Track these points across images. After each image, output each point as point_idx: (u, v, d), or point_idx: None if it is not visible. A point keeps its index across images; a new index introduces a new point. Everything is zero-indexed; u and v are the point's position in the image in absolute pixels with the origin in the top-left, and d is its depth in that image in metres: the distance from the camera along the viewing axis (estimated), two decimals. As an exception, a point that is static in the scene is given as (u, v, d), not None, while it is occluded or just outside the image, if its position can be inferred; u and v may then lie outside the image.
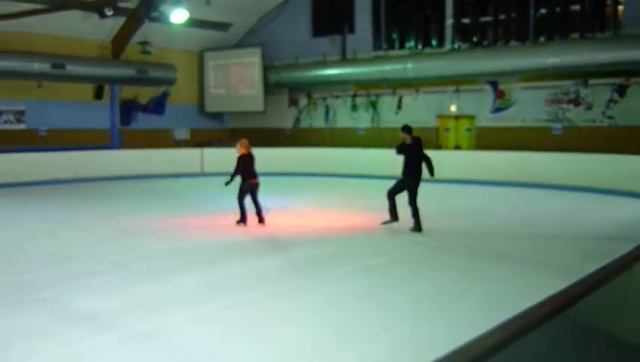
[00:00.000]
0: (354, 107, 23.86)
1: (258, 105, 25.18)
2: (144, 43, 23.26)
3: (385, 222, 10.94)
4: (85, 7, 20.39)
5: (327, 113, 24.61)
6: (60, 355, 5.07)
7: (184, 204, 14.75)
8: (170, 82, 24.11)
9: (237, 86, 25.66)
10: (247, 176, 11.35)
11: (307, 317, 6.07)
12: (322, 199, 15.95)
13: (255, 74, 25.11)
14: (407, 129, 10.95)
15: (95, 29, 21.98)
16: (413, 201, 10.61)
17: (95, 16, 20.88)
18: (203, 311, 6.21)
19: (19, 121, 21.20)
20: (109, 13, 20.10)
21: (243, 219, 11.36)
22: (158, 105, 24.17)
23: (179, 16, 20.43)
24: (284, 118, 25.65)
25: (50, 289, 7.02)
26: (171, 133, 25.34)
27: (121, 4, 20.43)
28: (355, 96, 23.77)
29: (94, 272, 7.86)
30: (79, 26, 21.38)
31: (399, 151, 10.90)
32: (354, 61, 22.95)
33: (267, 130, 25.41)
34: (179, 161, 22.61)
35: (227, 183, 11.37)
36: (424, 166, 10.76)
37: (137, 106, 24.03)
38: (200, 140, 25.33)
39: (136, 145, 22.89)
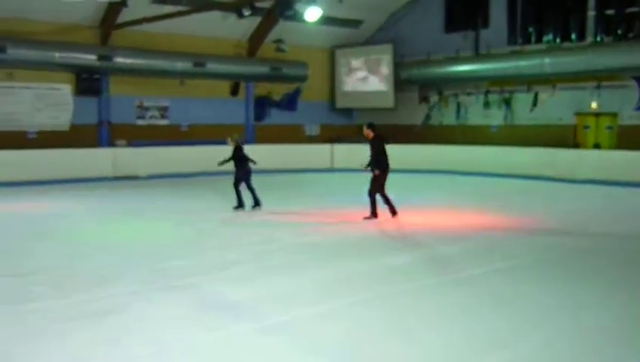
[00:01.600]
0: (486, 104, 23.28)
1: (388, 101, 25.20)
2: (278, 41, 23.98)
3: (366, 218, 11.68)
4: (224, 8, 21.28)
5: (458, 110, 24.18)
6: (200, 341, 5.35)
7: (316, 199, 15.08)
8: (302, 79, 24.70)
9: (367, 82, 25.80)
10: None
11: (437, 318, 6.03)
12: (452, 197, 15.71)
13: (385, 70, 25.14)
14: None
15: (233, 29, 22.92)
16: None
17: (233, 17, 21.74)
18: (335, 306, 6.33)
19: (163, 116, 22.59)
20: (247, 13, 20.87)
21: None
22: (290, 102, 24.84)
23: (312, 14, 20.81)
24: (414, 115, 25.48)
25: (192, 277, 7.44)
26: (302, 128, 25.95)
27: (258, 4, 21.16)
28: (487, 92, 23.19)
29: (233, 262, 8.24)
30: (218, 26, 22.39)
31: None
32: (487, 57, 22.38)
33: (396, 127, 25.36)
34: (309, 156, 23.11)
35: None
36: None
37: (271, 102, 24.84)
38: (330, 136, 25.76)
39: (269, 139, 23.64)
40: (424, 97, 25.28)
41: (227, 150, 13.07)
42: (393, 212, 11.69)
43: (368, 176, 11.74)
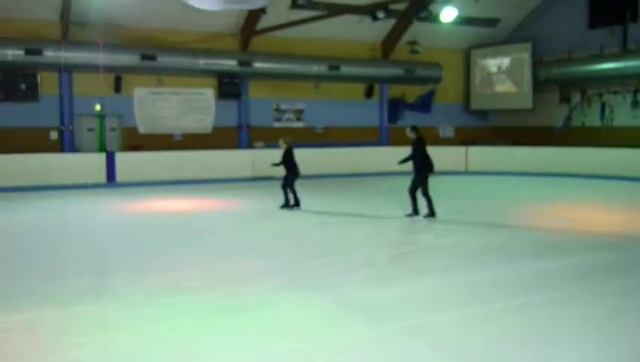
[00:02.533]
0: (634, 104, 21.85)
1: (526, 102, 24.32)
2: (412, 43, 23.85)
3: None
4: (359, 11, 21.51)
5: (602, 110, 22.87)
6: (342, 343, 5.41)
7: (452, 201, 14.84)
8: (437, 80, 24.41)
9: (504, 83, 25.04)
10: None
11: (582, 329, 5.75)
12: (598, 202, 14.90)
13: (524, 70, 24.29)
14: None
15: (367, 32, 23.08)
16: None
17: (368, 20, 21.92)
18: (477, 312, 6.20)
19: (298, 119, 23.17)
20: (381, 15, 20.98)
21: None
22: (424, 104, 24.60)
23: (448, 14, 20.59)
24: (553, 116, 24.40)
25: (333, 277, 7.57)
26: (436, 130, 25.63)
27: (392, 7, 21.19)
28: (636, 91, 21.76)
29: (374, 263, 8.30)
30: (353, 29, 22.63)
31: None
32: (637, 53, 21.00)
33: (534, 129, 24.46)
34: (444, 159, 22.66)
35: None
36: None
37: (404, 104, 24.74)
38: (464, 138, 25.26)
39: (403, 142, 23.52)
40: (565, 97, 24.13)
41: (364, 152, 13.15)
42: (432, 213, 11.89)
43: (510, 180, 11.38)
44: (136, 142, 20.49)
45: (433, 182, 12.24)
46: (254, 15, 20.63)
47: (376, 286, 7.16)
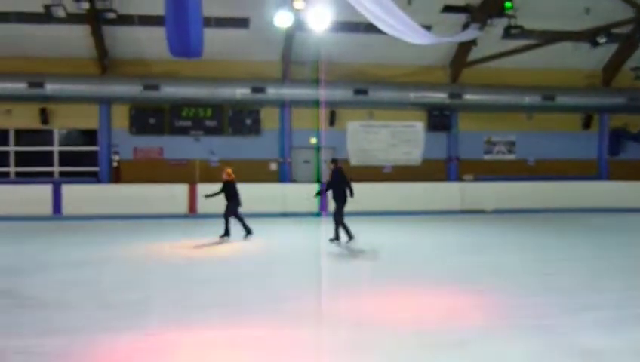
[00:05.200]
0: None
1: None
2: (637, 69, 22.12)
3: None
4: (577, 37, 20.49)
5: None
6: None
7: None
8: (666, 109, 22.36)
9: None
10: None
11: None
12: None
13: None
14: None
15: (585, 59, 21.89)
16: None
17: (586, 46, 20.81)
18: None
19: (510, 151, 22.51)
20: (602, 41, 19.78)
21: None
22: (651, 134, 22.66)
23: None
24: None
25: (547, 318, 7.21)
26: (666, 163, 23.42)
27: (614, 30, 19.89)
28: None
29: (590, 306, 7.78)
30: (569, 56, 21.60)
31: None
32: None
33: None
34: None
35: None
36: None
37: (628, 135, 22.94)
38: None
39: (626, 176, 21.84)
40: None
41: (580, 186, 12.42)
42: (337, 237, 12.96)
43: None
44: (348, 173, 21.22)
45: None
46: (465, 47, 20.56)
47: (591, 331, 6.68)
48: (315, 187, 19.56)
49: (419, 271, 10.24)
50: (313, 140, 21.09)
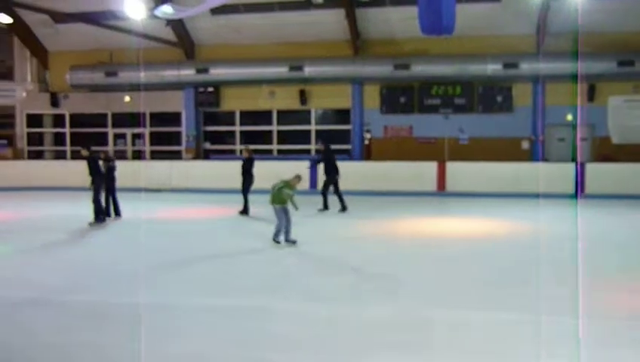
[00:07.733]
0: None
1: None
2: None
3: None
4: None
5: None
6: None
7: None
8: None
9: None
10: None
11: None
12: None
13: None
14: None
15: None
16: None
17: None
18: None
19: None
20: None
21: None
22: None
23: None
24: None
25: None
26: None
27: None
28: None
29: None
30: None
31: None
32: None
33: None
34: None
35: None
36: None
37: None
38: None
39: None
40: None
41: None
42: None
43: None
44: (608, 152, 19.58)
45: None
46: None
47: None
48: (570, 167, 18.39)
49: None
50: (569, 117, 19.75)
